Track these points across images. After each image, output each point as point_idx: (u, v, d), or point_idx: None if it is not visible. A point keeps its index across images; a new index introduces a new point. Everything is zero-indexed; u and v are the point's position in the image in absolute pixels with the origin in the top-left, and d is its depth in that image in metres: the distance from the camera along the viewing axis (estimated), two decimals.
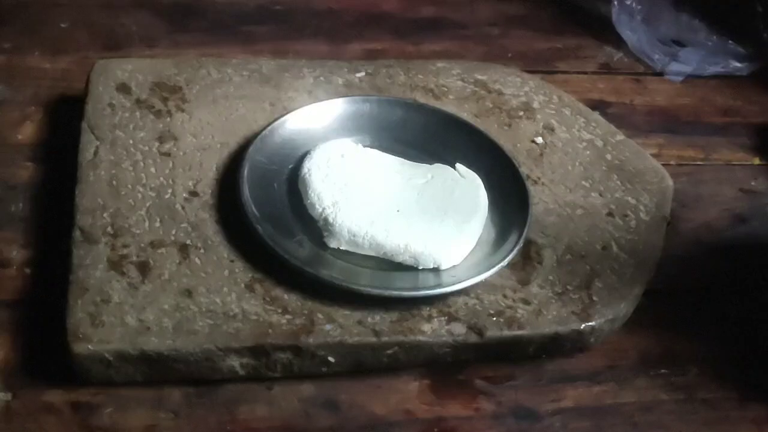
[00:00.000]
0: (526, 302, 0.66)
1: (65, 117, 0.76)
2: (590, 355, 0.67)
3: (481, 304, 0.65)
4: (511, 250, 0.66)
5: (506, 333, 0.64)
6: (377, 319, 0.62)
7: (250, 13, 0.96)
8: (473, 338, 0.63)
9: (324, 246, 0.66)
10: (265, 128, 0.71)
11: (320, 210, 0.66)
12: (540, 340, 0.65)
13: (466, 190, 0.71)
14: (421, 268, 0.65)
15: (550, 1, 1.04)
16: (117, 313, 0.59)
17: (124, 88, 0.75)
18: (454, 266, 0.66)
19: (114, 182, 0.68)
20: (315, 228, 0.67)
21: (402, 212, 0.67)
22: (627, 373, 0.67)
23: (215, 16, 0.94)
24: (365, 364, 0.62)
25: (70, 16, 0.89)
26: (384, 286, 0.63)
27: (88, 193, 0.67)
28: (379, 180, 0.70)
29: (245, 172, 0.67)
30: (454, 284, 0.63)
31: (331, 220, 0.65)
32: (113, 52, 0.86)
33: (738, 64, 0.96)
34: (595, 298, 0.67)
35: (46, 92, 0.80)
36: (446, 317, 0.63)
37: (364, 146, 0.73)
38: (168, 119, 0.74)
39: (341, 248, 0.66)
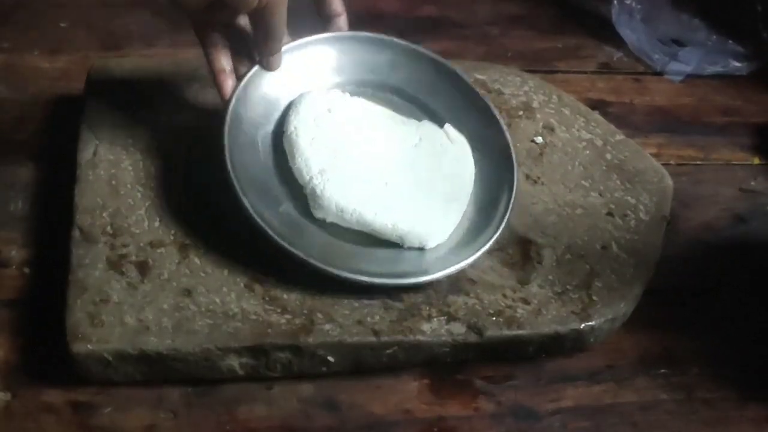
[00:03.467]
0: (526, 302, 0.66)
1: (64, 117, 0.76)
2: (590, 354, 0.67)
3: (480, 303, 0.65)
4: (493, 234, 0.66)
5: (506, 332, 0.64)
6: (377, 318, 0.62)
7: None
8: (473, 338, 0.63)
9: (310, 214, 0.65)
10: (245, 76, 0.67)
11: (308, 178, 0.65)
12: (540, 340, 0.65)
13: (454, 158, 0.70)
14: (406, 246, 0.65)
15: (550, 1, 1.04)
16: (116, 312, 0.59)
17: (123, 88, 0.75)
18: (438, 245, 0.66)
19: (113, 182, 0.68)
20: (300, 193, 0.66)
21: (390, 186, 0.66)
22: (627, 373, 0.67)
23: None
24: (365, 363, 0.62)
25: (70, 16, 0.89)
26: (362, 270, 0.62)
27: (87, 193, 0.66)
28: (368, 143, 0.68)
29: (227, 127, 0.64)
30: (436, 272, 0.64)
31: (318, 192, 0.64)
32: (113, 52, 0.86)
33: (738, 64, 0.96)
34: (594, 298, 0.67)
35: (46, 92, 0.80)
36: (446, 317, 0.63)
37: (351, 95, 0.71)
38: (167, 119, 0.74)
39: (328, 221, 0.65)
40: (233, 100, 0.65)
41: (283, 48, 0.67)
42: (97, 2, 0.92)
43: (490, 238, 0.66)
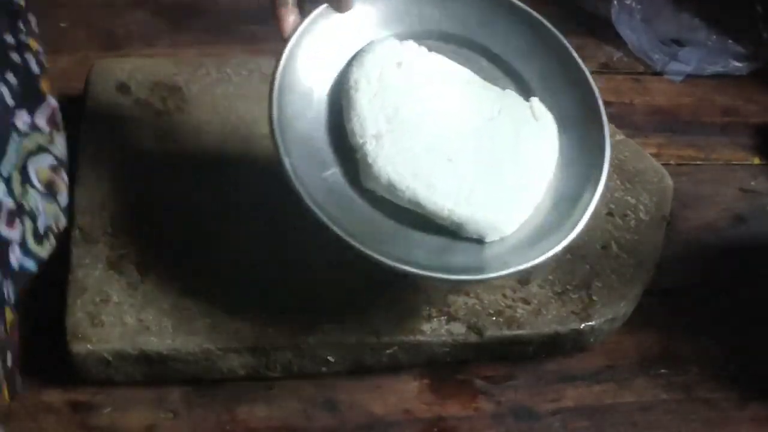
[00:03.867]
0: (526, 302, 0.66)
1: (64, 117, 0.76)
2: (590, 354, 0.67)
3: (480, 303, 0.65)
4: (566, 236, 0.57)
5: (506, 332, 0.64)
6: (377, 318, 0.62)
7: (250, 12, 0.95)
8: (473, 338, 0.63)
9: (358, 182, 0.57)
10: (309, 14, 0.57)
11: (361, 142, 0.56)
12: (540, 340, 0.65)
13: (536, 139, 0.60)
14: (462, 236, 0.57)
15: (550, 1, 1.04)
16: (116, 312, 0.59)
17: (123, 88, 0.75)
18: (500, 239, 0.57)
19: (113, 182, 0.68)
20: (352, 157, 0.57)
21: (454, 163, 0.57)
22: (627, 373, 0.67)
23: (215, 15, 0.94)
24: (365, 363, 0.62)
25: (70, 16, 0.89)
26: (407, 258, 0.54)
27: (87, 193, 0.66)
28: (437, 108, 0.58)
29: (279, 72, 0.55)
30: (490, 272, 0.56)
31: (370, 159, 0.55)
32: (113, 52, 0.86)
33: (738, 64, 0.96)
34: (594, 298, 0.67)
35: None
36: (446, 317, 0.63)
37: (429, 50, 0.61)
38: (167, 119, 0.74)
39: (378, 194, 0.57)
40: (292, 40, 0.56)
41: None
42: (97, 2, 0.92)
43: (561, 242, 0.57)
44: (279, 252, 0.64)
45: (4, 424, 0.57)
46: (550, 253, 0.56)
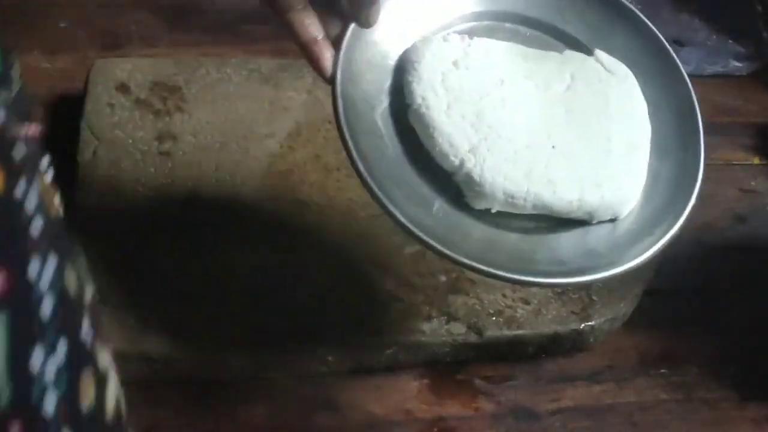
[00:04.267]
0: (526, 302, 0.66)
1: (64, 117, 0.76)
2: (590, 354, 0.67)
3: (480, 303, 0.65)
4: (692, 190, 0.54)
5: (506, 332, 0.64)
6: (377, 318, 0.62)
7: (249, 12, 0.95)
8: (473, 338, 0.63)
9: (465, 206, 0.51)
10: (342, 41, 0.51)
11: (457, 162, 0.50)
12: (539, 340, 0.65)
13: (619, 93, 0.55)
14: (595, 222, 0.53)
15: None
16: (116, 312, 0.59)
17: (123, 88, 0.75)
18: (630, 213, 0.53)
19: (113, 182, 0.68)
20: (449, 181, 0.51)
21: (559, 148, 0.52)
22: (627, 373, 0.67)
23: (215, 15, 0.94)
24: (365, 363, 0.62)
25: (70, 16, 0.89)
26: (551, 269, 0.50)
27: (87, 193, 0.66)
28: (513, 97, 0.53)
29: (342, 116, 0.48)
30: (640, 254, 0.51)
31: (477, 178, 0.50)
32: (112, 52, 0.85)
33: (738, 64, 0.96)
34: (594, 298, 0.67)
35: (45, 92, 0.80)
36: (446, 317, 0.63)
37: (470, 37, 0.55)
38: (167, 119, 0.74)
39: (494, 210, 0.51)
40: (338, 76, 0.50)
41: None
42: (97, 2, 0.92)
43: (690, 198, 0.54)
44: (278, 252, 0.64)
45: None
46: (687, 212, 0.53)
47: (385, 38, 0.53)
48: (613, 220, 0.53)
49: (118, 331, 0.58)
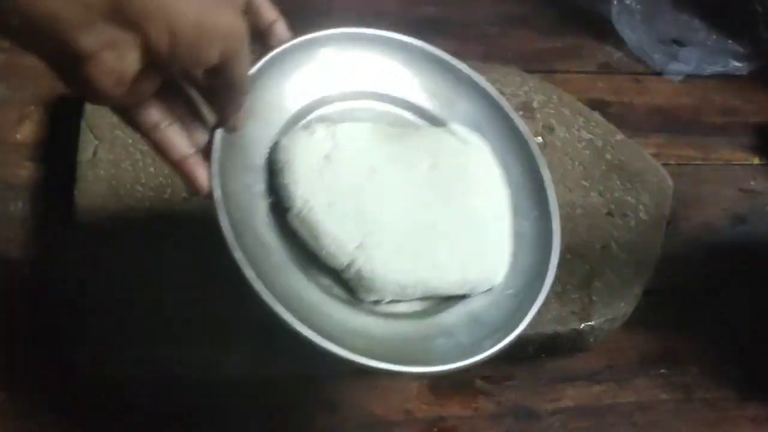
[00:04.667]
0: None
1: (64, 116, 0.76)
2: (590, 354, 0.67)
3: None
4: (556, 240, 0.56)
5: None
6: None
7: None
8: None
9: (350, 302, 0.52)
10: (212, 152, 0.48)
11: (346, 262, 0.51)
12: (539, 340, 0.65)
13: (477, 164, 0.57)
14: (474, 295, 0.54)
15: (550, 1, 1.04)
16: (117, 313, 0.59)
17: None
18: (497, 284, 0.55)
19: (113, 182, 0.68)
20: (335, 276, 0.52)
21: (437, 229, 0.54)
22: (626, 373, 0.67)
23: None
24: None
25: None
26: (460, 352, 0.50)
27: (87, 193, 0.66)
28: (386, 184, 0.54)
29: (228, 237, 0.47)
30: (528, 312, 0.52)
31: (368, 274, 0.51)
32: None
33: (737, 64, 0.96)
34: (594, 298, 0.67)
35: (46, 92, 0.80)
36: None
37: (330, 123, 0.55)
38: None
39: (385, 302, 0.52)
40: (218, 191, 0.48)
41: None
42: None
43: (552, 254, 0.56)
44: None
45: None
46: (555, 258, 0.55)
47: (251, 138, 0.52)
48: (490, 289, 0.54)
49: (118, 332, 0.58)
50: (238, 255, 0.46)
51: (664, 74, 0.96)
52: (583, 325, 0.65)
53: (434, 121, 0.59)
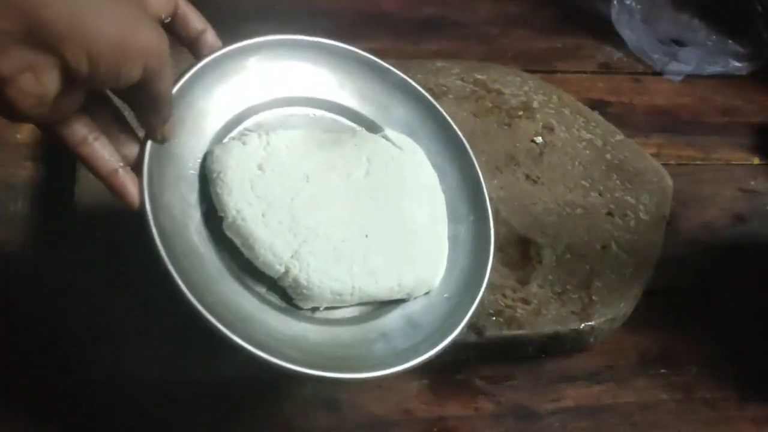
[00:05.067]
0: (526, 302, 0.66)
1: None
2: (590, 354, 0.67)
3: (480, 303, 0.64)
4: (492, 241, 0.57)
5: (506, 332, 0.64)
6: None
7: (249, 12, 0.95)
8: (472, 338, 0.63)
9: (285, 309, 0.52)
10: (141, 165, 0.48)
11: (282, 270, 0.51)
12: (539, 340, 0.65)
13: (412, 169, 0.58)
14: (412, 299, 0.55)
15: (550, 0, 1.04)
16: (116, 312, 0.59)
17: None
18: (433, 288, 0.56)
19: None
20: (271, 283, 0.52)
21: (372, 236, 0.54)
22: (626, 373, 0.67)
23: (214, 15, 0.94)
24: None
25: None
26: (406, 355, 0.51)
27: (87, 193, 0.66)
28: (320, 192, 0.54)
29: (161, 249, 0.46)
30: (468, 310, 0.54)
31: (304, 282, 0.51)
32: None
33: (737, 64, 0.96)
34: (594, 298, 0.67)
35: None
36: None
37: (263, 132, 0.55)
38: None
39: (321, 309, 0.53)
40: (147, 204, 0.47)
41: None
42: None
43: (488, 259, 0.57)
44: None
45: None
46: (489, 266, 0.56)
47: (183, 148, 0.52)
48: (428, 293, 0.55)
49: (119, 332, 0.58)
50: (168, 266, 0.46)
51: (664, 74, 0.96)
52: (583, 325, 0.65)
53: (369, 125, 0.59)
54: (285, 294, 0.52)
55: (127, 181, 0.48)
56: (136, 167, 0.48)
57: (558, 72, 0.94)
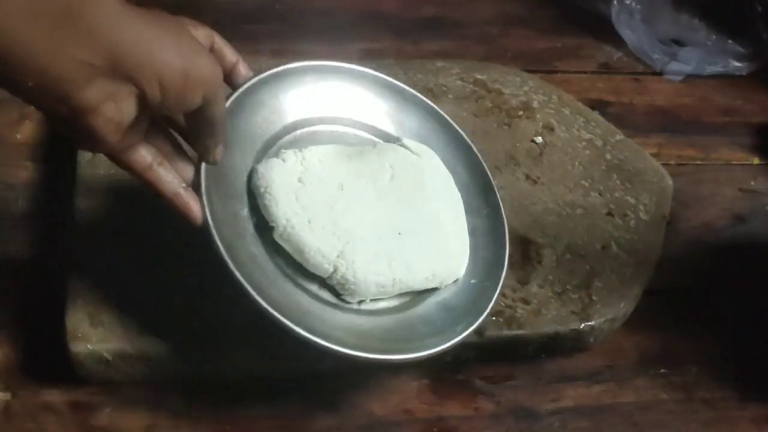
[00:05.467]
0: (526, 302, 0.66)
1: None
2: (590, 354, 0.67)
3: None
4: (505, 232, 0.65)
5: (506, 332, 0.64)
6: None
7: (249, 12, 0.96)
8: (472, 338, 0.63)
9: (341, 302, 0.59)
10: (200, 185, 0.54)
11: (331, 269, 0.58)
12: (539, 340, 0.65)
13: (431, 172, 0.65)
14: (443, 287, 0.62)
15: (550, 0, 1.04)
16: (116, 312, 0.59)
17: None
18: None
19: (113, 182, 0.68)
20: (321, 282, 0.59)
21: (404, 234, 0.61)
22: (626, 373, 0.67)
23: (214, 15, 0.94)
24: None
25: None
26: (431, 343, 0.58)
27: (87, 193, 0.66)
28: (355, 198, 0.61)
29: (228, 259, 0.53)
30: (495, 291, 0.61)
31: (351, 278, 0.58)
32: None
33: (737, 64, 0.96)
34: (594, 298, 0.67)
35: None
36: None
37: (298, 149, 0.61)
38: None
39: (368, 301, 0.59)
40: (210, 220, 0.54)
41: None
42: None
43: (505, 246, 0.64)
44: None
45: (4, 424, 0.57)
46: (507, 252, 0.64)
47: (232, 168, 0.58)
48: (455, 281, 0.62)
49: (118, 331, 0.58)
50: (236, 273, 0.53)
51: (664, 74, 0.96)
52: (583, 325, 0.65)
53: (386, 136, 0.66)
54: (333, 291, 0.59)
55: (189, 200, 0.53)
56: (195, 187, 0.54)
57: (558, 72, 0.94)
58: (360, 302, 0.59)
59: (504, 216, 0.65)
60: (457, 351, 0.63)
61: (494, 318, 0.64)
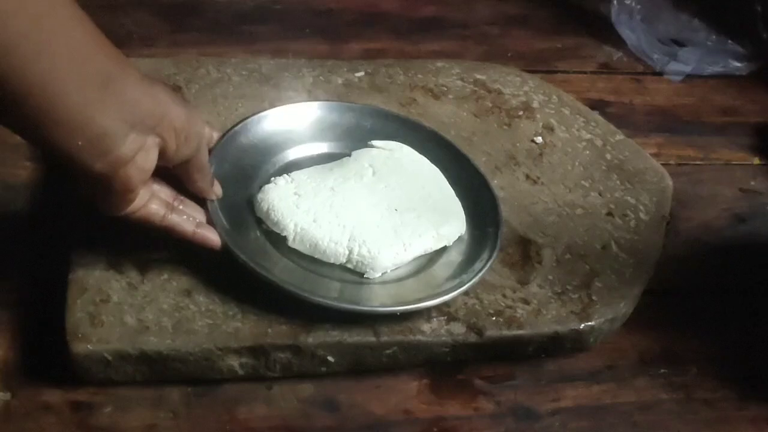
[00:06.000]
0: (526, 302, 0.66)
1: None
2: (590, 354, 0.67)
3: (480, 303, 0.65)
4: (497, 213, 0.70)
5: (506, 333, 0.64)
6: (377, 318, 0.62)
7: (249, 12, 0.96)
8: (473, 338, 0.63)
9: (364, 279, 0.64)
10: (217, 228, 0.62)
11: (347, 252, 0.64)
12: (539, 340, 0.65)
13: (408, 160, 0.72)
14: (451, 243, 0.68)
15: (550, 1, 1.04)
16: (116, 312, 0.59)
17: None
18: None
19: None
20: (341, 269, 0.64)
21: (400, 210, 0.67)
22: (626, 373, 0.67)
23: (214, 15, 0.94)
24: (365, 363, 0.62)
25: None
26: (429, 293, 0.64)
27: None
28: (348, 193, 0.67)
29: (251, 263, 0.61)
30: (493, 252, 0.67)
31: (367, 254, 0.64)
32: None
33: (737, 64, 0.96)
34: (594, 298, 0.67)
35: None
36: (445, 317, 0.63)
37: (287, 174, 0.68)
38: None
39: (389, 272, 0.65)
40: (229, 244, 0.61)
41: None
42: (97, 2, 0.92)
43: (499, 217, 0.70)
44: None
45: (4, 424, 0.57)
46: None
47: (234, 200, 0.66)
48: (460, 237, 0.68)
49: (118, 331, 0.58)
50: (266, 275, 0.60)
51: (664, 74, 0.96)
52: (583, 325, 0.65)
53: (358, 147, 0.72)
54: (356, 274, 0.64)
55: (206, 233, 0.61)
56: (209, 221, 0.62)
57: (558, 72, 0.94)
58: (382, 275, 0.64)
59: (491, 185, 0.72)
60: (457, 351, 0.63)
61: (494, 318, 0.64)
